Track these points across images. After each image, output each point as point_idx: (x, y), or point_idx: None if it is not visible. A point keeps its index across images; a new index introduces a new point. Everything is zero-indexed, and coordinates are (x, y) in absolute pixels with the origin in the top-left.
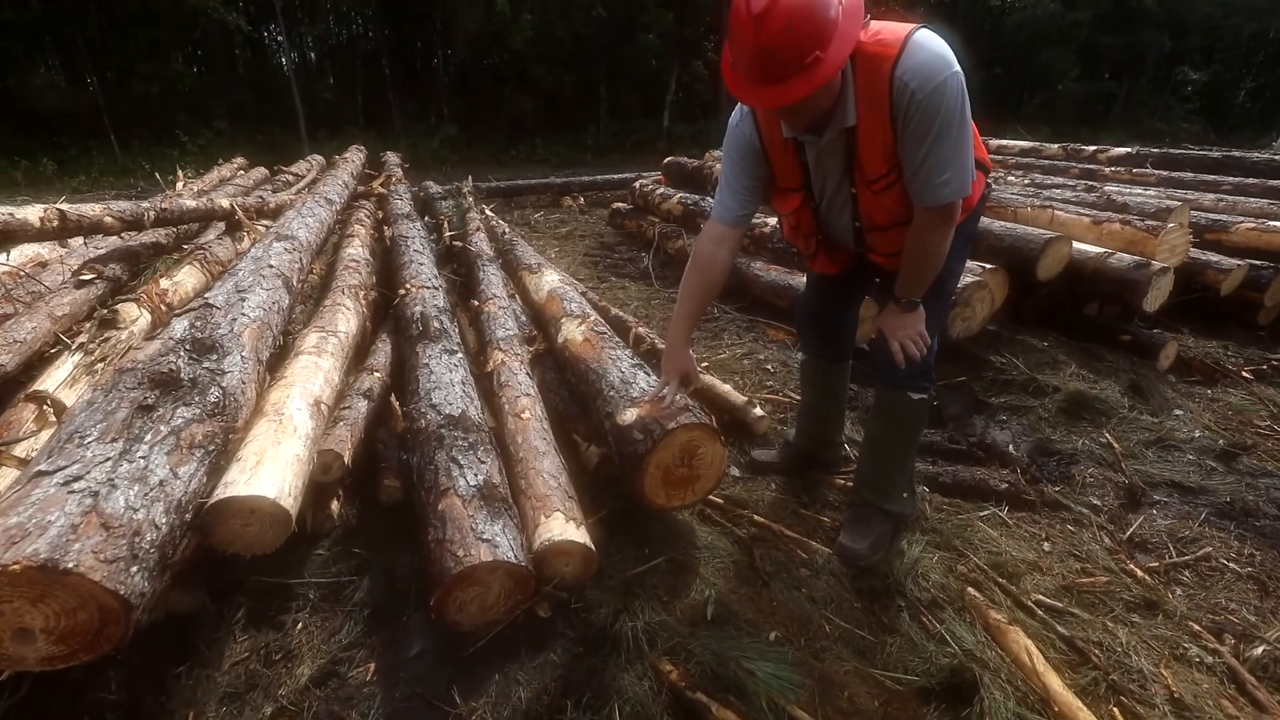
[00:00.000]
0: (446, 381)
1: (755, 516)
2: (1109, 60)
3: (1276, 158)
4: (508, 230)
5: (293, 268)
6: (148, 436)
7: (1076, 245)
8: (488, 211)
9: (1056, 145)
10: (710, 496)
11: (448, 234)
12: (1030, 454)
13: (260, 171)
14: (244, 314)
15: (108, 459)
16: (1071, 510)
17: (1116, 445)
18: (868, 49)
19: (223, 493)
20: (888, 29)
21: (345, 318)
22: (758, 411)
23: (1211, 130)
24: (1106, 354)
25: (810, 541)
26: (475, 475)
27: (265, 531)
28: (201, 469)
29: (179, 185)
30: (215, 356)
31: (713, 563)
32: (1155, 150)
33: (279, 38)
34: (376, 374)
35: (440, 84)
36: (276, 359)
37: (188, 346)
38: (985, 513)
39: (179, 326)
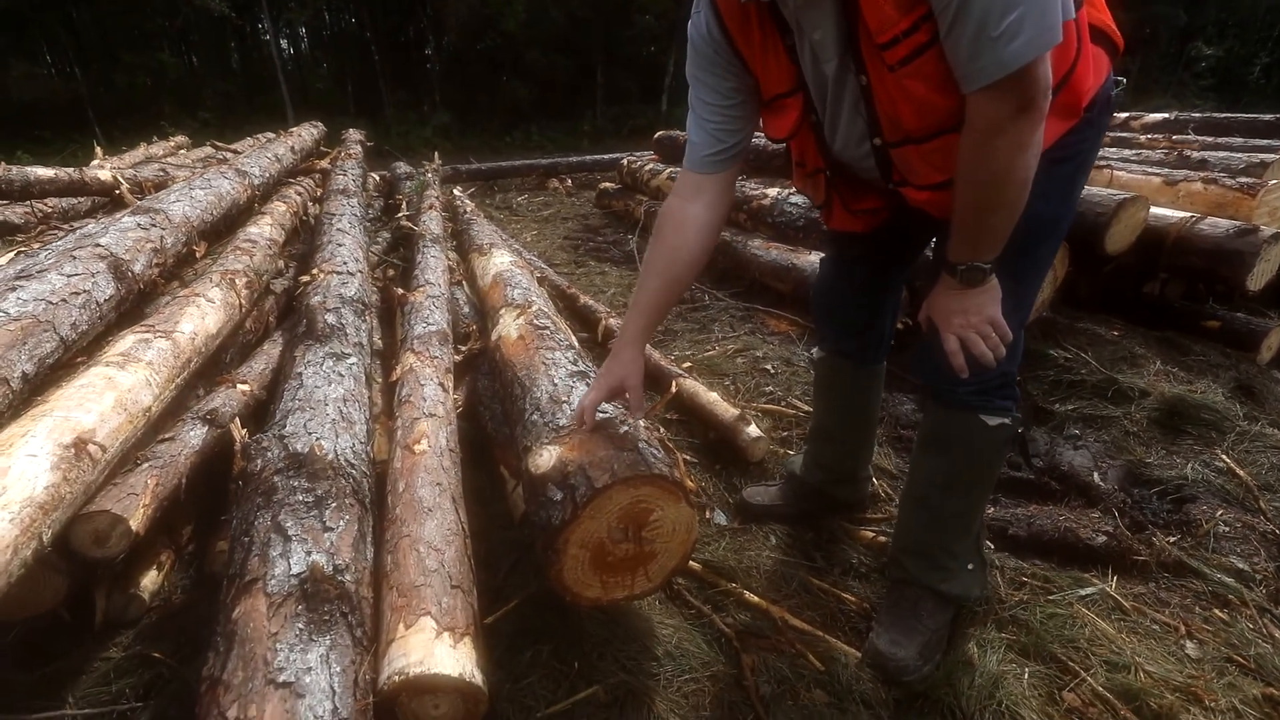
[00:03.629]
0: (318, 399)
1: (746, 594)
2: (1121, 35)
3: None
4: (470, 209)
5: (139, 248)
6: None
7: (1153, 210)
8: (456, 191)
9: None
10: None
11: (400, 214)
12: (1123, 484)
13: (203, 150)
14: (2, 310)
15: None
16: (1207, 579)
17: (1242, 472)
18: None
19: None
20: None
21: (199, 313)
22: (753, 431)
23: (1225, 108)
24: (1192, 345)
25: (827, 637)
26: (305, 556)
27: None
28: None
29: (94, 163)
30: None
31: (679, 684)
32: (1196, 115)
33: (267, 23)
34: (243, 387)
35: (432, 71)
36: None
37: None
38: (1089, 591)
39: None
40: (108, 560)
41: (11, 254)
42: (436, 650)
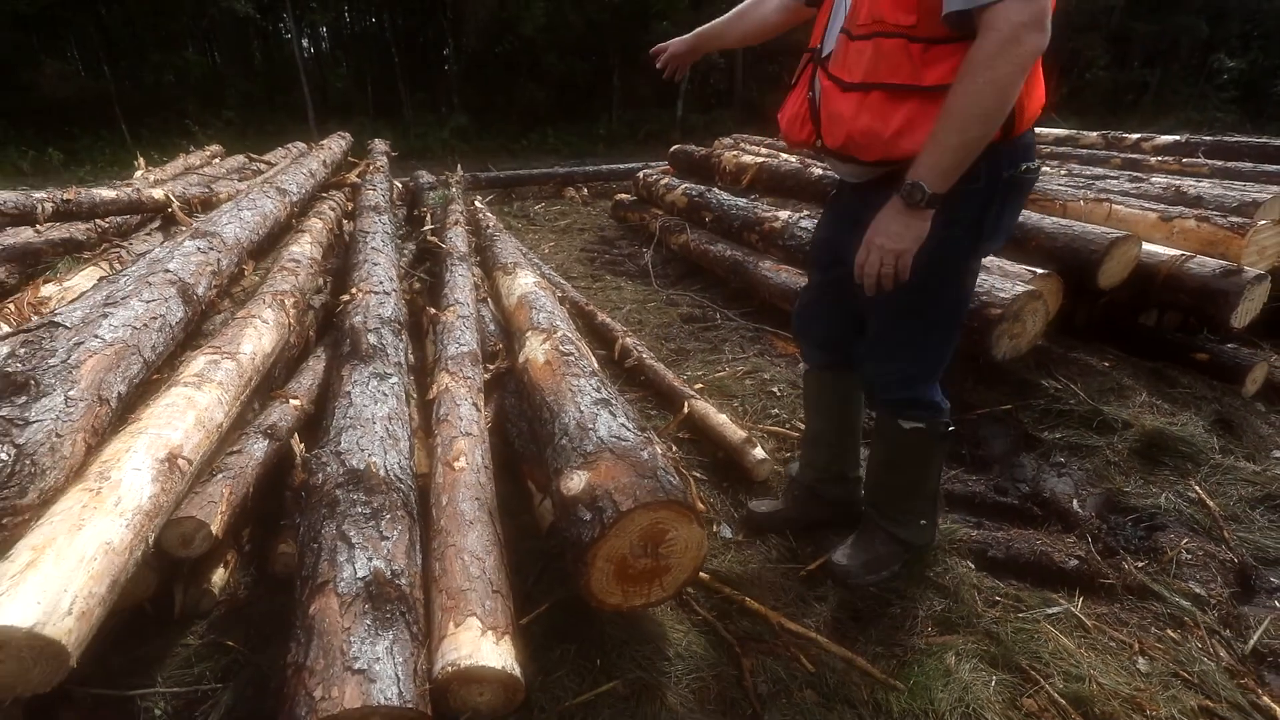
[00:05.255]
0: (367, 418)
1: (748, 602)
2: (1142, 47)
3: None
4: (493, 224)
5: (201, 272)
6: None
7: (1145, 246)
8: (478, 203)
9: (1096, 134)
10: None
11: (425, 228)
12: (1100, 511)
13: (236, 160)
14: (97, 336)
15: None
16: (1166, 601)
17: (1211, 503)
18: None
19: None
20: None
21: (257, 334)
22: (758, 453)
23: (1248, 120)
24: (1180, 377)
25: (819, 638)
26: (368, 561)
27: (27, 670)
28: None
29: (137, 174)
30: (24, 400)
31: (687, 681)
32: (1207, 138)
33: (290, 24)
34: (294, 402)
35: (451, 73)
36: (161, 385)
37: None
38: (1056, 610)
39: None
40: (190, 560)
41: (84, 271)
42: (482, 646)
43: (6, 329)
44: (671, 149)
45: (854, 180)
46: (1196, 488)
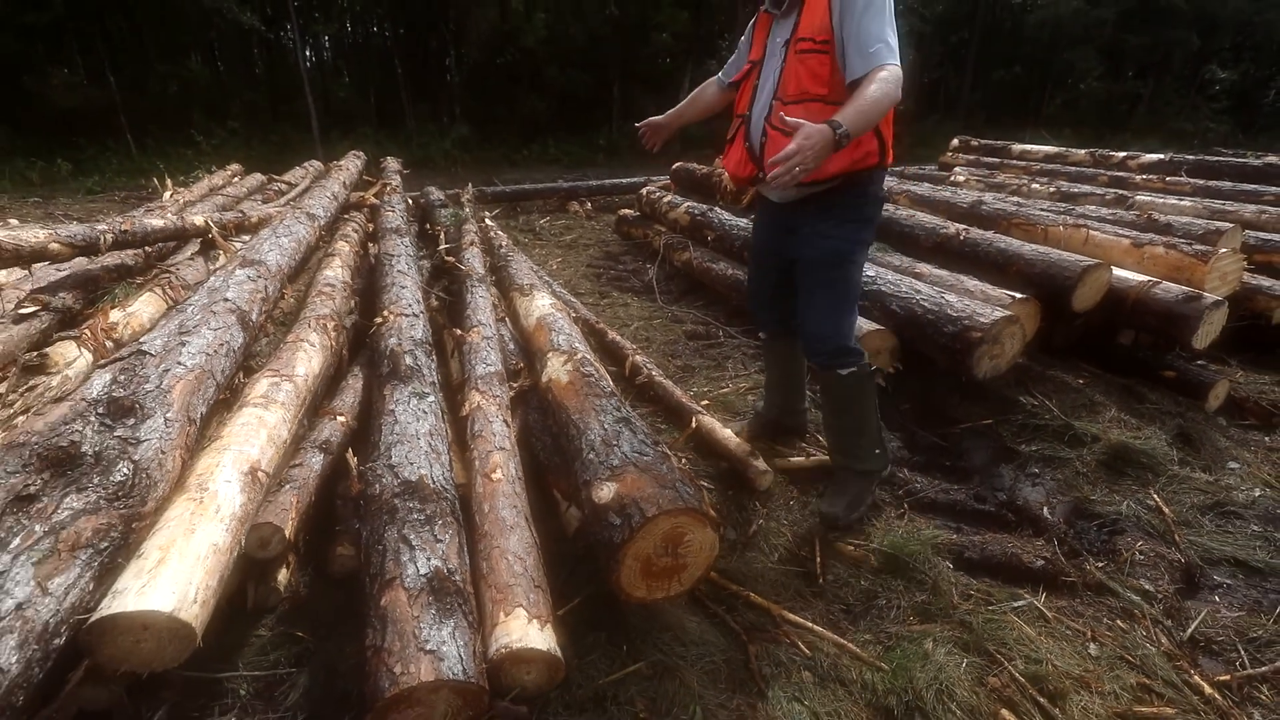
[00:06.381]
0: (411, 434)
1: (752, 596)
2: (1134, 59)
3: None
4: (505, 243)
5: (254, 299)
6: (14, 542)
7: (1116, 272)
8: (488, 221)
9: (1084, 151)
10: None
11: (442, 247)
12: (1068, 517)
13: (255, 179)
14: (180, 363)
15: None
16: (1119, 596)
17: (1167, 510)
18: None
19: (108, 607)
20: None
21: (306, 357)
22: (760, 465)
23: (1240, 131)
24: (1149, 393)
25: (815, 627)
26: (427, 560)
27: (163, 648)
28: (86, 575)
29: (166, 195)
30: (133, 421)
31: (701, 663)
32: (1190, 157)
33: (294, 36)
34: (340, 418)
35: (453, 83)
36: (226, 404)
37: (101, 409)
38: (1021, 603)
39: (98, 382)
40: (266, 561)
41: (141, 297)
42: (530, 632)
43: (84, 352)
44: (674, 167)
45: (785, 200)
46: (1155, 496)
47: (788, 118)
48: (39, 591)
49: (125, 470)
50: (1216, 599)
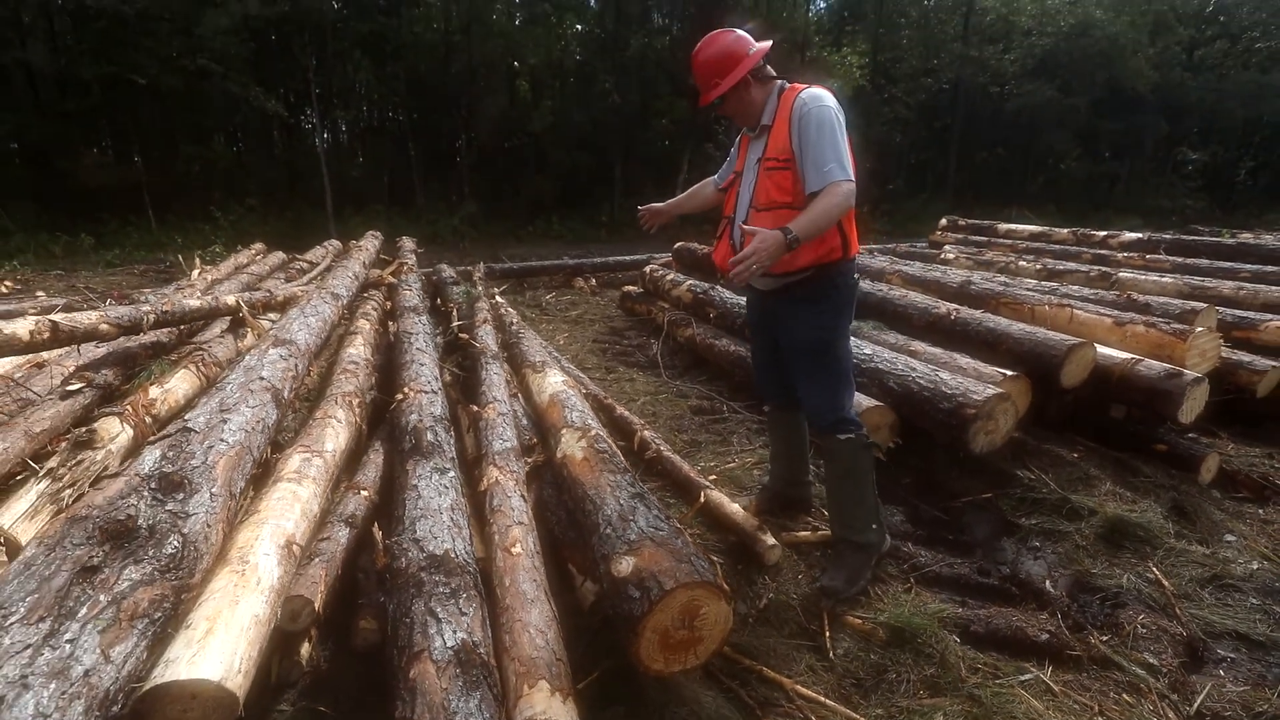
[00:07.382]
0: (434, 508)
1: (765, 671)
2: (1109, 142)
3: None
4: (516, 320)
5: (285, 377)
6: (82, 611)
7: (1101, 349)
8: (498, 298)
9: (1066, 230)
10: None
11: (455, 324)
12: (1070, 591)
13: (277, 257)
14: (222, 439)
15: (27, 647)
16: (1125, 670)
17: (1166, 583)
18: (790, 90)
19: (161, 675)
20: (805, 85)
21: (334, 433)
22: (769, 540)
23: (1217, 207)
24: (1142, 466)
25: (827, 701)
26: (454, 633)
27: (207, 718)
28: (141, 644)
29: (194, 274)
30: (182, 496)
31: None
32: (1167, 236)
33: (314, 120)
34: (364, 493)
35: (462, 165)
36: (258, 478)
37: (154, 485)
38: (1027, 676)
39: (149, 459)
40: (297, 634)
41: (177, 374)
42: (553, 705)
43: (126, 427)
44: (675, 246)
45: (767, 288)
46: (1154, 569)
47: (744, 226)
48: (103, 659)
49: (176, 543)
50: (1221, 673)
